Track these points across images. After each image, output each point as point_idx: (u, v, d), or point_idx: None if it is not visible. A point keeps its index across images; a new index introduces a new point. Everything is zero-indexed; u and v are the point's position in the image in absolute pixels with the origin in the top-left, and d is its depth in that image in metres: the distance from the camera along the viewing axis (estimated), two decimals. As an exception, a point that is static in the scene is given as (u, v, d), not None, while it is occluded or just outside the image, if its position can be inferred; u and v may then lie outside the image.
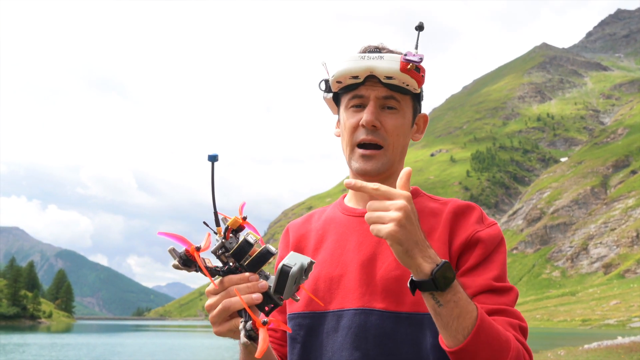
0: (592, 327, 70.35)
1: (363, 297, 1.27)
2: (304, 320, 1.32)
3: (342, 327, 1.27)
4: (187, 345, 38.56)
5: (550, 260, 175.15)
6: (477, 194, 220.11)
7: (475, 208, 1.34)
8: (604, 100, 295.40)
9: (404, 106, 1.34)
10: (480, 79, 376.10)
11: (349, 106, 1.35)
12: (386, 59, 1.27)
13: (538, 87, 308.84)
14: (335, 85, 1.36)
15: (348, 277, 1.31)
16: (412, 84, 1.30)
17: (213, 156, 1.02)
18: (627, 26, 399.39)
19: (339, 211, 1.45)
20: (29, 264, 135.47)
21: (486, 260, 1.26)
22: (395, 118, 1.32)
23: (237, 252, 1.02)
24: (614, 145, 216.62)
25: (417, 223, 1.03)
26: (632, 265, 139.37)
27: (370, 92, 1.31)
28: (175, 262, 1.01)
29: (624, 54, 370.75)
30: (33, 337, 47.14)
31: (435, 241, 1.28)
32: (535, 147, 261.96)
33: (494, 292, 1.22)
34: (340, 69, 1.31)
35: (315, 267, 1.34)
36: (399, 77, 1.27)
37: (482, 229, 1.29)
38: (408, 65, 1.25)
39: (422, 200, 1.39)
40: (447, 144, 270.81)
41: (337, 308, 1.29)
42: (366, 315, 1.25)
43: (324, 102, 1.45)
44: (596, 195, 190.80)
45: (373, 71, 1.27)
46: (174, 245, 1.01)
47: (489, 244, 1.27)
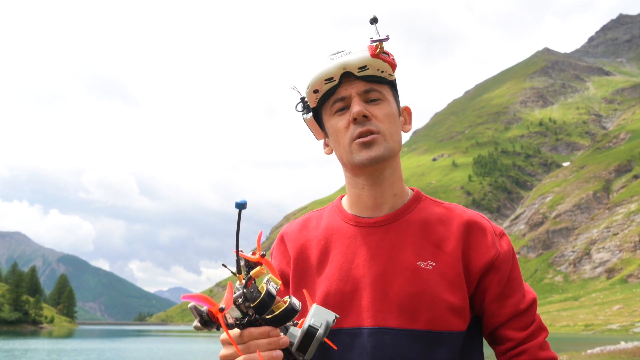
0: (595, 332, 70.11)
1: (377, 314, 1.24)
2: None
3: (356, 346, 1.24)
4: (189, 350, 38.50)
5: (553, 265, 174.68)
6: (479, 198, 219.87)
7: (486, 223, 1.33)
8: (606, 105, 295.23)
9: (387, 95, 1.32)
10: (482, 84, 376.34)
11: (333, 112, 1.32)
12: (354, 51, 1.27)
13: (540, 92, 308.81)
14: (313, 97, 1.32)
15: (360, 293, 1.27)
16: (387, 68, 1.28)
17: (241, 203, 0.99)
18: (629, 31, 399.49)
19: (341, 219, 1.38)
20: (31, 269, 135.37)
21: (507, 282, 1.28)
22: (382, 107, 1.30)
23: (260, 306, 0.98)
24: (616, 149, 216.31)
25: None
26: (635, 270, 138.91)
27: (349, 90, 1.28)
28: (196, 323, 0.98)
29: (626, 58, 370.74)
30: (35, 343, 47.10)
31: (448, 255, 1.26)
32: (537, 151, 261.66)
33: (521, 314, 1.27)
34: (313, 76, 1.29)
35: (323, 281, 1.31)
36: (372, 64, 1.26)
37: (500, 248, 1.29)
38: (377, 49, 1.24)
39: (426, 205, 1.36)
40: (449, 149, 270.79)
41: (351, 326, 1.26)
42: (382, 334, 1.23)
43: (306, 125, 1.40)
44: (599, 199, 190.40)
45: (346, 66, 1.26)
46: (196, 304, 0.96)
47: (506, 264, 1.28)
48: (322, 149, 1.41)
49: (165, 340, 60.85)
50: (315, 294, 1.31)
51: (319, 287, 1.31)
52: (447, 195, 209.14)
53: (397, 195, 1.34)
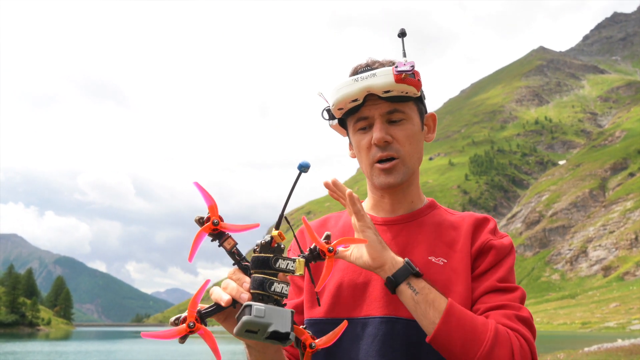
0: (592, 330, 70.34)
1: (389, 305, 1.28)
2: (326, 327, 1.26)
3: (367, 334, 1.28)
4: (187, 352, 38.40)
5: (550, 263, 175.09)
6: (475, 197, 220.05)
7: (491, 220, 1.40)
8: (601, 103, 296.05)
9: (410, 113, 1.35)
10: (478, 83, 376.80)
11: (357, 129, 1.37)
12: (379, 74, 1.28)
13: (535, 91, 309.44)
14: (338, 112, 1.38)
15: (373, 284, 1.32)
16: (411, 90, 1.31)
17: (303, 165, 1.02)
18: (623, 29, 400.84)
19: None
20: (27, 271, 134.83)
21: (496, 265, 1.31)
22: (404, 129, 1.34)
23: (262, 251, 1.01)
24: (612, 148, 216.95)
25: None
26: (632, 268, 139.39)
27: (373, 111, 1.33)
28: (205, 221, 1.01)
29: (621, 56, 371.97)
30: (32, 345, 46.95)
31: (458, 252, 1.32)
32: (533, 150, 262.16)
33: (497, 291, 1.27)
34: (337, 96, 1.34)
35: (337, 272, 1.37)
36: (397, 88, 1.29)
37: (496, 239, 1.35)
38: (402, 75, 1.27)
39: (440, 213, 1.44)
40: (445, 148, 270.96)
41: (362, 315, 1.30)
42: (392, 323, 1.26)
43: (331, 128, 1.48)
44: (595, 198, 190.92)
45: (370, 90, 1.29)
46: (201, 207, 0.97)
47: (502, 251, 1.32)
48: (347, 151, 1.50)
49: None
50: (329, 284, 1.37)
51: (333, 278, 1.36)
52: (444, 195, 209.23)
53: (414, 202, 1.43)
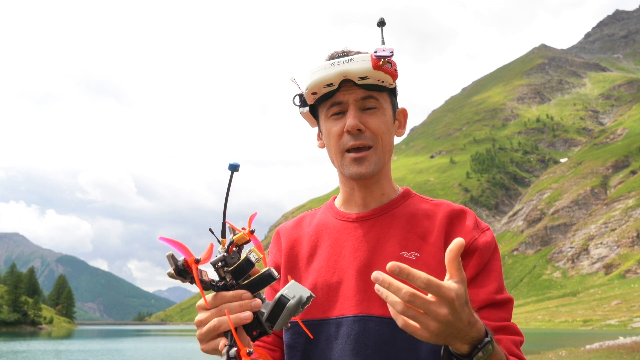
0: (593, 328, 70.33)
1: (361, 303, 1.27)
2: (302, 329, 1.29)
3: (341, 334, 1.27)
4: (188, 350, 38.45)
5: (551, 261, 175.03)
6: (477, 195, 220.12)
7: (469, 213, 1.35)
8: (603, 100, 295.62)
9: (383, 103, 1.33)
10: (479, 81, 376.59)
11: (329, 115, 1.34)
12: (357, 60, 1.26)
13: (537, 89, 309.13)
14: (311, 97, 1.34)
15: (346, 284, 1.30)
16: (387, 79, 1.29)
17: (234, 165, 0.98)
18: (625, 27, 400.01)
19: (332, 216, 1.44)
20: (29, 269, 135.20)
21: (485, 270, 1.27)
22: (377, 117, 1.31)
23: (237, 270, 0.98)
24: (613, 145, 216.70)
25: (464, 313, 0.96)
26: (633, 265, 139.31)
27: (347, 96, 1.30)
28: (170, 270, 0.96)
29: (623, 54, 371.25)
30: (34, 344, 47.03)
31: (430, 245, 1.28)
32: (534, 148, 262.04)
33: (495, 306, 1.24)
34: (313, 79, 1.30)
35: (311, 274, 1.36)
36: (373, 75, 1.27)
37: (478, 236, 1.30)
38: (380, 61, 1.25)
39: (414, 202, 1.39)
40: (446, 146, 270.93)
41: (336, 315, 1.29)
42: (365, 322, 1.25)
43: (301, 116, 1.44)
44: (596, 195, 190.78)
45: (346, 75, 1.26)
46: (174, 252, 0.96)
47: (485, 252, 1.28)
48: (315, 141, 1.46)
49: (165, 339, 60.79)
50: (304, 286, 1.25)
51: (308, 280, 1.36)
52: (446, 192, 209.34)
53: (385, 194, 1.39)
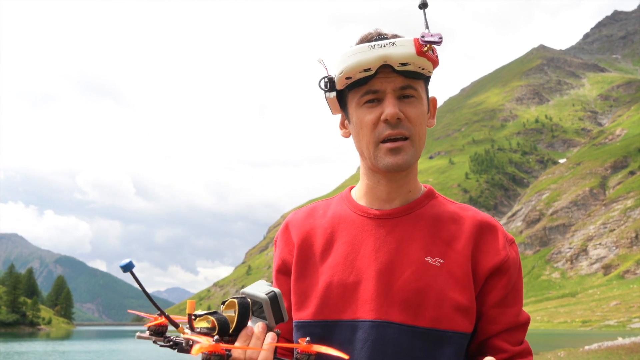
0: (592, 328, 70.33)
1: (380, 308, 1.19)
2: (314, 330, 1.23)
3: (357, 339, 1.19)
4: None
5: (550, 261, 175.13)
6: (475, 196, 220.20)
7: (499, 227, 1.29)
8: (601, 101, 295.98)
9: (421, 92, 1.24)
10: (478, 81, 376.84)
11: (362, 103, 1.22)
12: (399, 44, 1.16)
13: (536, 89, 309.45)
14: (343, 82, 1.22)
15: (364, 285, 1.21)
16: (428, 66, 1.20)
17: (125, 266, 0.88)
18: (624, 27, 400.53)
19: (349, 209, 1.33)
20: (28, 270, 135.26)
21: (513, 290, 1.24)
22: (415, 106, 1.22)
23: (222, 329, 0.97)
24: (612, 146, 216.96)
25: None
26: (632, 266, 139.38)
27: (385, 84, 1.19)
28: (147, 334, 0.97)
29: (621, 55, 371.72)
30: (32, 344, 46.98)
31: (457, 252, 1.22)
32: (533, 148, 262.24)
33: (517, 328, 1.24)
34: (349, 62, 1.18)
35: (326, 271, 1.26)
36: (416, 62, 1.17)
37: (510, 254, 1.25)
38: (424, 47, 1.15)
39: (438, 203, 1.31)
40: (445, 147, 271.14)
41: (352, 318, 1.21)
42: (384, 328, 1.17)
43: (326, 102, 1.31)
44: (595, 196, 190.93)
45: (387, 60, 1.16)
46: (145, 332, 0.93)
47: (514, 270, 1.25)
48: (338, 130, 1.35)
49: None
50: (317, 283, 1.26)
51: (322, 277, 1.26)
52: (444, 193, 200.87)
53: (412, 191, 1.30)
